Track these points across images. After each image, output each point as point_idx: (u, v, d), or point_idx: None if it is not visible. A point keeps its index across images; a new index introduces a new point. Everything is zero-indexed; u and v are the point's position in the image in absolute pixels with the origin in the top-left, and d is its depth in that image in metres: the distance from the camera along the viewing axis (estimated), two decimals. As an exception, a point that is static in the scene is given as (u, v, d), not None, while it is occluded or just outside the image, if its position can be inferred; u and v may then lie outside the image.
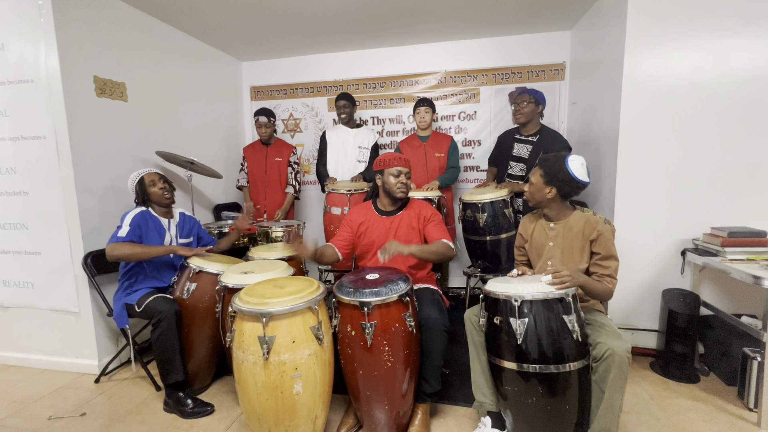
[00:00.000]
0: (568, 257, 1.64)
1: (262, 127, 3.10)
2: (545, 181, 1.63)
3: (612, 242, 1.59)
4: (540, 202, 1.69)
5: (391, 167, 1.94)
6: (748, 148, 2.13)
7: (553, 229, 1.69)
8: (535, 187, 1.66)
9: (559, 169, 1.60)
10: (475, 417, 1.82)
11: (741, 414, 1.84)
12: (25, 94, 2.18)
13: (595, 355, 1.42)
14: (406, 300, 1.59)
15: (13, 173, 2.27)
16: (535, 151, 2.54)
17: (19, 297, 2.39)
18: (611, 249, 1.58)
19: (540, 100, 2.55)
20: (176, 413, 1.90)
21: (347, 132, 3.14)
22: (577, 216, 1.66)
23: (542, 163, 1.66)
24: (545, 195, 1.64)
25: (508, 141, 2.72)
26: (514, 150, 2.66)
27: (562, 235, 1.66)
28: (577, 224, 1.63)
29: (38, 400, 2.08)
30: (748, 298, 2.19)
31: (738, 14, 2.07)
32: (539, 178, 1.64)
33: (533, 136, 2.58)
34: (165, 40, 2.87)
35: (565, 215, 1.68)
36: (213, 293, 1.92)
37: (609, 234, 1.59)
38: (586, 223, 1.62)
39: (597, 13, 2.65)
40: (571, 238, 1.64)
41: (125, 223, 1.99)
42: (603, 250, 1.57)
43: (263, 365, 1.42)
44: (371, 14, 2.78)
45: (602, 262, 1.58)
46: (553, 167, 1.61)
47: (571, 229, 1.64)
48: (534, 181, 1.66)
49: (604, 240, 1.57)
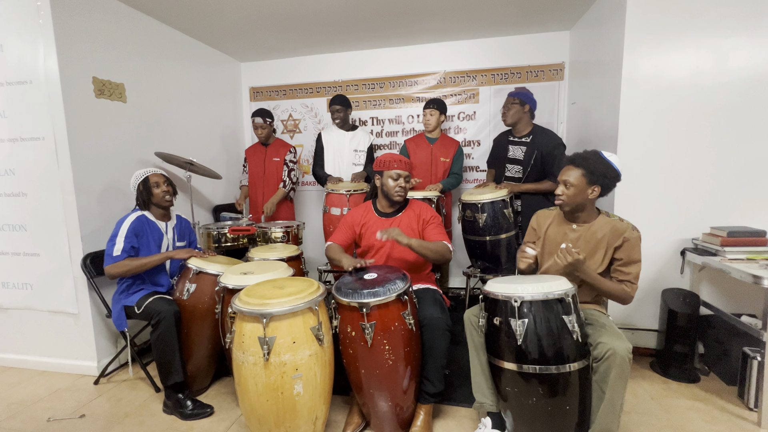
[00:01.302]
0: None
1: (258, 128, 3.08)
2: (589, 180, 1.54)
3: (638, 248, 1.54)
4: (580, 205, 1.59)
5: (390, 169, 1.93)
6: (748, 147, 2.14)
7: (575, 231, 1.64)
8: (577, 188, 1.56)
9: (606, 165, 1.53)
10: (476, 417, 1.82)
11: (741, 414, 1.84)
12: (24, 95, 2.17)
13: (596, 355, 1.42)
14: (404, 299, 1.59)
15: (12, 174, 2.27)
16: (530, 152, 2.55)
17: (17, 298, 2.39)
18: (634, 255, 1.54)
19: (526, 100, 2.55)
20: (176, 415, 1.90)
21: (343, 135, 3.12)
22: (603, 221, 1.61)
23: (580, 161, 1.56)
24: (587, 195, 1.56)
25: (502, 143, 2.74)
26: (509, 152, 2.67)
27: (584, 239, 1.61)
28: (601, 229, 1.59)
29: (37, 401, 2.07)
30: (747, 297, 2.19)
31: (736, 14, 2.07)
32: (581, 178, 1.55)
33: (526, 137, 2.60)
34: (164, 41, 2.86)
35: (590, 218, 1.63)
36: (213, 294, 1.92)
37: (636, 241, 1.54)
38: (612, 230, 1.57)
39: (596, 14, 2.65)
40: (594, 243, 1.59)
41: (119, 238, 1.96)
42: (626, 255, 1.54)
43: (263, 366, 1.42)
44: (370, 14, 2.77)
45: (623, 267, 1.56)
46: (598, 165, 1.54)
47: (594, 234, 1.59)
48: (574, 182, 1.56)
49: (629, 246, 1.54)
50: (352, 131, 3.15)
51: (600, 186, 1.56)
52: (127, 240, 1.96)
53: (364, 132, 3.23)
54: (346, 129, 3.14)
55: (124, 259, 1.94)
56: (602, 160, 1.55)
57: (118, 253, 1.93)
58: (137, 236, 2.01)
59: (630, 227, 1.57)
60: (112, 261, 1.93)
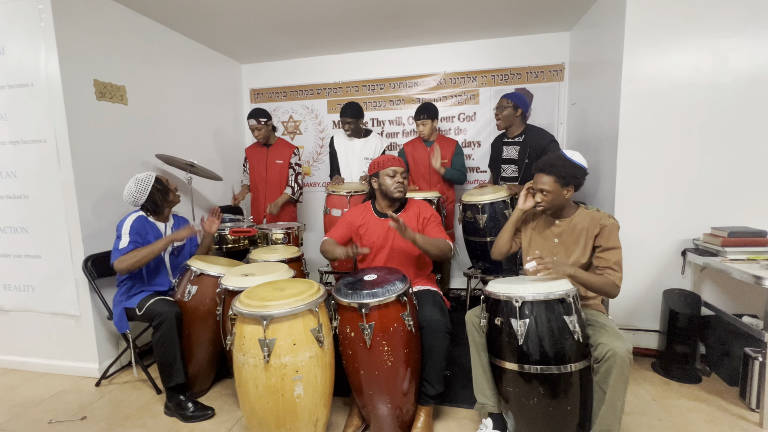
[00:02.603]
0: (571, 253, 1.66)
1: (255, 130, 2.98)
2: (562, 184, 1.62)
3: (615, 234, 1.59)
4: (559, 205, 1.68)
5: (385, 168, 1.95)
6: (748, 147, 2.13)
7: (558, 225, 1.71)
8: (553, 193, 1.63)
9: (571, 166, 1.62)
10: (477, 419, 1.81)
11: (743, 414, 1.84)
12: (26, 97, 2.18)
13: (597, 356, 1.42)
14: (404, 300, 1.59)
15: (14, 177, 2.28)
16: (523, 151, 2.60)
17: (19, 300, 2.39)
18: (612, 240, 1.58)
19: (519, 104, 2.60)
20: (177, 417, 1.90)
21: (353, 142, 3.08)
22: (582, 213, 1.68)
23: (549, 169, 1.63)
24: (564, 196, 1.65)
25: (498, 145, 2.82)
26: (503, 153, 2.74)
27: (567, 232, 1.69)
28: (581, 221, 1.66)
29: (39, 404, 2.08)
30: (748, 298, 2.19)
31: (736, 15, 2.07)
32: (554, 184, 1.63)
33: (518, 137, 2.65)
34: (165, 43, 2.87)
35: (570, 212, 1.70)
36: (214, 296, 1.92)
37: (612, 227, 1.59)
38: (590, 220, 1.64)
39: (596, 14, 2.65)
40: (576, 234, 1.66)
41: (124, 233, 1.97)
42: (604, 241, 1.59)
43: (264, 368, 1.42)
44: (370, 16, 2.78)
45: (603, 254, 1.60)
46: (565, 168, 1.61)
47: (575, 226, 1.67)
48: (549, 188, 1.63)
49: (606, 232, 1.59)
50: (365, 138, 3.09)
51: (573, 185, 1.64)
52: (132, 235, 1.97)
53: (377, 138, 3.14)
54: (358, 136, 3.09)
55: (131, 251, 1.94)
56: (568, 163, 1.62)
57: (125, 245, 1.94)
58: (139, 234, 2.02)
59: (606, 215, 1.63)
60: (119, 254, 1.94)
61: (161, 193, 2.10)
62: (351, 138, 3.08)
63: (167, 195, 2.12)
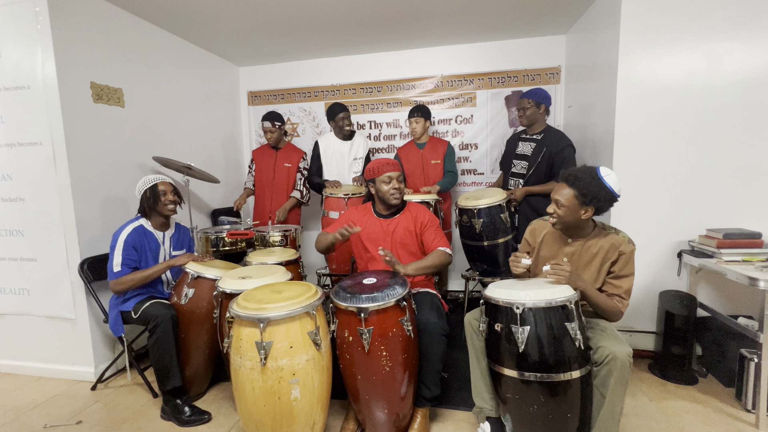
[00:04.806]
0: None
1: (268, 133, 3.06)
2: (581, 201, 1.47)
3: (632, 261, 1.52)
4: (572, 224, 1.54)
5: (381, 174, 1.95)
6: (742, 149, 2.15)
7: (570, 245, 1.61)
8: (568, 209, 1.49)
9: (599, 187, 1.44)
10: (473, 421, 1.81)
11: (739, 415, 1.84)
12: (22, 100, 2.17)
13: (596, 359, 1.41)
14: (403, 305, 1.58)
15: (9, 180, 2.26)
16: (538, 149, 2.55)
17: (14, 304, 2.38)
18: (627, 268, 1.51)
19: (541, 100, 2.55)
20: (173, 421, 1.89)
21: (341, 144, 3.08)
22: (599, 235, 1.57)
23: (573, 181, 1.48)
24: (580, 216, 1.49)
25: (514, 141, 2.77)
26: (518, 148, 2.69)
27: (579, 254, 1.59)
28: (597, 244, 1.55)
29: (34, 408, 2.06)
30: (744, 299, 2.20)
31: (730, 18, 2.09)
32: (572, 199, 1.47)
33: (538, 135, 2.61)
34: (162, 46, 2.87)
35: (585, 233, 1.59)
36: (211, 299, 1.92)
37: (631, 254, 1.52)
38: (608, 245, 1.53)
39: (591, 18, 2.67)
40: (588, 257, 1.56)
41: (117, 248, 1.97)
42: (618, 268, 1.52)
43: (261, 371, 1.42)
44: (368, 19, 2.79)
45: (615, 281, 1.54)
46: (592, 186, 1.44)
47: (590, 249, 1.56)
48: (565, 202, 1.48)
49: (624, 259, 1.51)
50: (350, 140, 3.11)
51: (594, 207, 1.48)
52: (125, 252, 1.97)
53: (362, 137, 3.21)
54: (344, 137, 3.10)
55: (127, 275, 1.96)
56: (597, 181, 1.45)
57: (118, 268, 1.95)
58: (135, 249, 2.01)
59: (626, 241, 1.53)
60: (114, 277, 1.96)
61: (150, 200, 2.07)
62: (337, 139, 3.09)
63: (156, 204, 2.07)
